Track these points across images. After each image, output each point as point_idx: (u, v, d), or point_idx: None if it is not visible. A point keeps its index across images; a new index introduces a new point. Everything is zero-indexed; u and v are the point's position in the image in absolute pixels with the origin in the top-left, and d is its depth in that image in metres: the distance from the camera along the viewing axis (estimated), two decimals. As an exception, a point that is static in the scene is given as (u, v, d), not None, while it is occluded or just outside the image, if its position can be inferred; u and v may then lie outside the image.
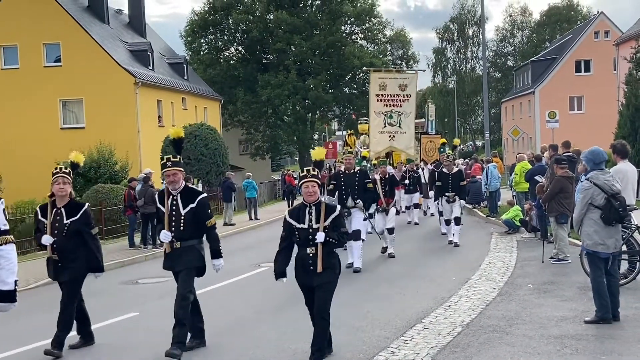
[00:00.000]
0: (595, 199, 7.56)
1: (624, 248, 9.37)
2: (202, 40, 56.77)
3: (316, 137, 55.59)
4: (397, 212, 14.88)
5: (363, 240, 12.78)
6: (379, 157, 17.31)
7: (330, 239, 6.71)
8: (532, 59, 57.44)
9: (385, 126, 19.30)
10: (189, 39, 56.35)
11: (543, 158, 15.55)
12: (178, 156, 7.56)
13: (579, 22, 67.37)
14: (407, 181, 20.37)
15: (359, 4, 55.65)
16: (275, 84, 51.61)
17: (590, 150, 8.05)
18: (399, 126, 19.28)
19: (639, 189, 11.65)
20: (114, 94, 33.54)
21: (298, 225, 6.81)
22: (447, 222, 15.81)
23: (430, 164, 23.10)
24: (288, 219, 6.90)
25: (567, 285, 9.97)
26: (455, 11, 78.45)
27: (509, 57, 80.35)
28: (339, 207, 7.03)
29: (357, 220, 12.35)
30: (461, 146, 77.73)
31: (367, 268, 13.10)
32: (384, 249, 14.36)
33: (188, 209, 7.44)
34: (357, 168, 12.73)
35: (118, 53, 35.63)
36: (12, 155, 32.96)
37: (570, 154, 13.67)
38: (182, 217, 7.43)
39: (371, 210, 13.53)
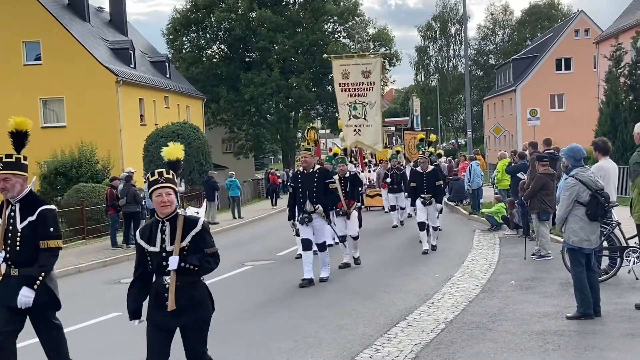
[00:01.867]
0: (581, 195, 7.62)
1: (605, 244, 9.47)
2: (184, 39, 56.49)
3: (299, 135, 55.46)
4: (360, 219, 13.02)
5: (330, 245, 12.02)
6: (349, 151, 16.04)
7: (188, 265, 4.93)
8: (513, 57, 57.82)
9: (350, 119, 17.28)
10: (171, 37, 56.05)
11: (526, 155, 15.64)
12: (20, 155, 6.12)
13: (559, 21, 67.90)
14: (388, 179, 19.73)
15: (342, 3, 55.68)
16: (258, 82, 51.49)
17: (569, 147, 8.11)
18: (364, 118, 17.17)
19: (619, 185, 11.77)
20: (95, 92, 33.28)
21: (150, 248, 5.06)
22: (422, 227, 13.91)
23: (413, 162, 22.33)
24: (139, 239, 5.19)
25: (549, 282, 10.05)
26: (437, 9, 78.87)
27: (491, 55, 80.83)
28: (202, 220, 5.12)
29: (320, 230, 10.99)
30: (444, 144, 78.21)
31: (350, 266, 13.13)
32: (344, 265, 12.53)
33: (26, 222, 5.70)
34: (317, 167, 11.21)
35: (99, 51, 35.35)
36: (-8, 155, 32.62)
37: (552, 151, 13.78)
38: (19, 234, 5.67)
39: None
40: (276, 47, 53.57)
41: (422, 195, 13.83)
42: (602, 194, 7.65)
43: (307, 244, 10.93)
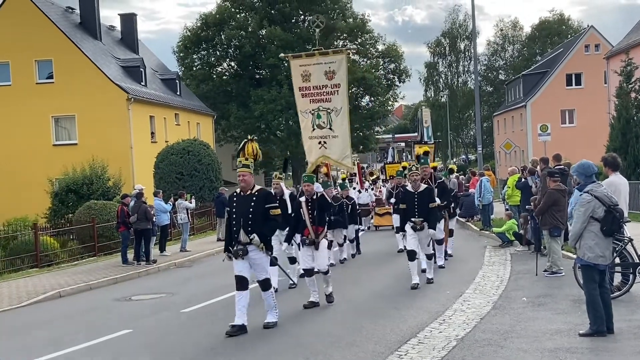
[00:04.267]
0: (596, 211, 7.58)
1: (617, 260, 9.40)
2: (194, 56, 56.86)
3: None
4: (330, 246, 11.20)
5: (276, 289, 10.78)
6: (317, 170, 13.30)
7: None
8: (523, 73, 57.77)
9: (314, 129, 14.27)
10: (181, 54, 56.45)
11: (537, 171, 15.57)
12: None
13: (569, 36, 67.87)
14: (393, 199, 18.31)
15: (350, 20, 55.94)
16: (268, 99, 51.69)
17: (579, 164, 8.09)
18: (330, 128, 14.04)
19: (630, 201, 11.70)
20: (107, 110, 33.54)
21: None
22: (411, 256, 11.73)
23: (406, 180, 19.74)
24: None
25: (561, 298, 9.98)
26: (446, 26, 79.07)
27: (501, 71, 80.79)
28: None
29: (259, 265, 9.08)
30: (454, 160, 78.03)
31: (359, 282, 13.10)
32: (311, 304, 10.60)
33: None
34: (258, 187, 9.22)
35: (110, 69, 35.66)
36: (4, 172, 32.89)
37: (562, 167, 13.73)
38: None
39: (277, 247, 11.21)
40: (286, 64, 53.78)
41: (413, 219, 11.80)
42: (617, 209, 7.62)
43: (240, 283, 8.93)
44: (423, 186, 12.14)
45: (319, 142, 14.17)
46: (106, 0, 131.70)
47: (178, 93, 44.00)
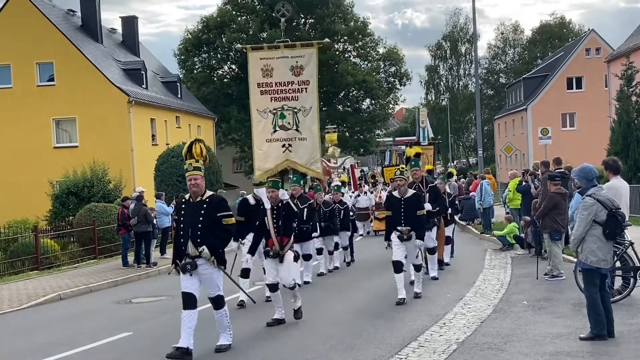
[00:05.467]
0: (598, 215, 7.58)
1: (618, 264, 9.39)
2: (195, 59, 56.93)
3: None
4: (296, 259, 9.86)
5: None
6: (275, 176, 11.64)
7: None
8: (524, 76, 57.78)
9: (275, 130, 12.74)
10: (182, 57, 56.52)
11: (538, 175, 15.57)
12: None
13: (570, 40, 67.89)
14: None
15: (351, 23, 56.00)
16: (269, 102, 51.74)
17: (580, 167, 8.09)
18: (296, 129, 12.53)
19: (631, 204, 11.69)
20: (108, 112, 33.57)
21: None
22: (397, 268, 10.76)
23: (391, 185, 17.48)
24: None
25: (562, 302, 9.97)
26: (447, 29, 79.13)
27: (501, 74, 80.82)
28: None
29: (210, 281, 8.15)
30: (455, 162, 77.99)
31: (360, 285, 13.08)
32: (275, 321, 9.64)
33: None
34: (210, 193, 8.28)
35: (111, 72, 35.69)
36: (5, 174, 32.91)
37: (563, 170, 13.73)
38: None
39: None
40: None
41: (399, 228, 10.78)
42: (619, 213, 7.62)
43: (188, 301, 7.97)
44: (410, 192, 11.08)
45: (283, 145, 12.58)
46: (106, 3, 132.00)
47: (179, 96, 44.02)
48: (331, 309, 10.73)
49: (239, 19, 55.32)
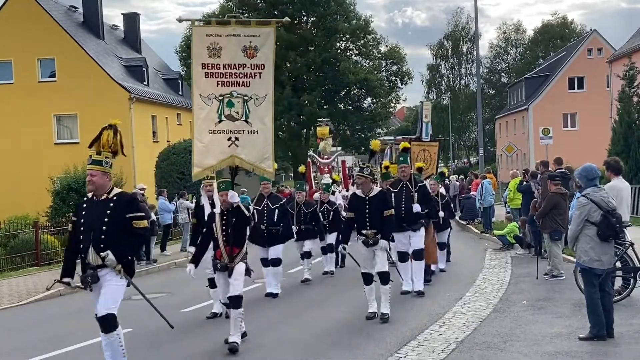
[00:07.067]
0: (592, 215, 7.58)
1: (618, 264, 9.39)
2: (197, 56, 56.92)
3: (311, 152, 55.57)
4: (248, 272, 8.37)
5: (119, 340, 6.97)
6: (212, 176, 10.12)
7: None
8: (525, 76, 57.75)
9: (221, 120, 10.25)
10: (184, 54, 56.50)
11: (539, 175, 15.55)
12: None
13: (572, 40, 67.83)
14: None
15: (354, 21, 55.97)
16: (270, 99, 51.74)
17: (583, 167, 8.09)
18: (246, 120, 10.20)
19: (632, 205, 11.68)
20: (109, 109, 33.38)
21: None
22: (367, 280, 9.58)
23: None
24: None
25: (562, 302, 9.97)
26: (449, 28, 79.08)
27: (503, 74, 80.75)
28: None
29: (110, 293, 6.84)
30: (455, 162, 77.95)
31: (359, 285, 13.06)
32: (231, 346, 8.10)
33: None
34: (118, 191, 6.94)
35: (113, 68, 35.69)
36: (5, 170, 32.93)
37: (563, 170, 13.72)
38: None
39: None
40: (288, 65, 53.84)
41: (364, 232, 9.43)
42: (614, 214, 7.61)
43: (105, 322, 6.74)
44: (376, 189, 9.74)
45: (229, 139, 10.15)
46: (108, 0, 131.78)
47: (180, 93, 44.00)
48: (331, 306, 10.74)
49: (241, 16, 55.28)
